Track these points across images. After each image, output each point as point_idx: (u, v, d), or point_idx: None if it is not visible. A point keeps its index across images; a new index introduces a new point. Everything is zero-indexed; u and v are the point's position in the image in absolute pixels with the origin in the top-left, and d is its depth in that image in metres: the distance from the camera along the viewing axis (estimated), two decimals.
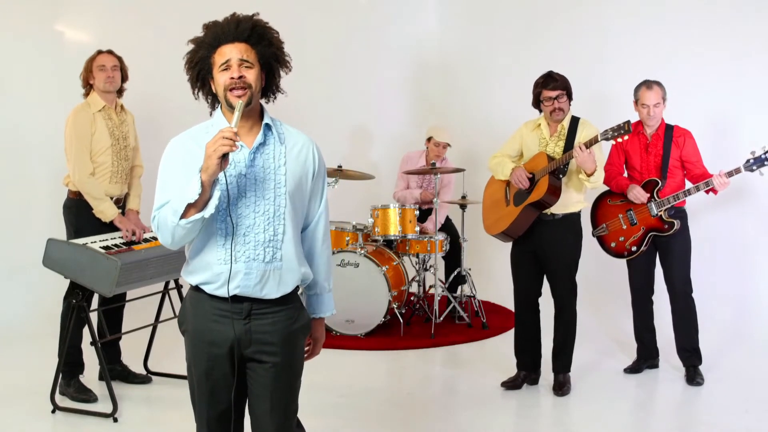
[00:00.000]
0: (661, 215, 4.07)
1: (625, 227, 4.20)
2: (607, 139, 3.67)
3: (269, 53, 2.06)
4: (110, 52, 3.97)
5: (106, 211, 3.84)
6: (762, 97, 5.17)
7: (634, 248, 4.17)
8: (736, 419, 3.65)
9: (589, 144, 3.69)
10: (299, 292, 2.19)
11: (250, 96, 1.99)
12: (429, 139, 5.81)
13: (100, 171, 3.88)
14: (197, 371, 2.09)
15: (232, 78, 1.98)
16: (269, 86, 2.11)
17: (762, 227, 5.23)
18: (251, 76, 2.00)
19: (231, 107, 1.99)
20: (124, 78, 4.03)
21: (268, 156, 2.04)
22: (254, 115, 2.06)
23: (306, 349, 2.26)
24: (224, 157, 1.88)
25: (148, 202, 2.28)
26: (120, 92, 4.04)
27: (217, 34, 2.02)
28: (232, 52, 1.99)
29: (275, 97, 2.16)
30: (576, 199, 3.93)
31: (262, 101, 2.12)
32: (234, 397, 2.09)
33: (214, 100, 2.11)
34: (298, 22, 6.25)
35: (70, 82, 3.95)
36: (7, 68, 5.38)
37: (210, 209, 1.92)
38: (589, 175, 3.72)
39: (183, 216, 1.91)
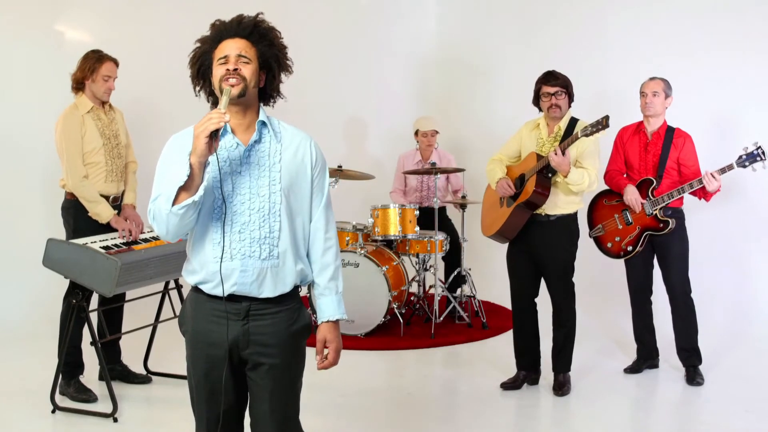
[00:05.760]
0: (656, 214, 4.07)
1: (620, 227, 4.20)
2: (586, 135, 3.65)
3: (270, 53, 2.05)
4: (115, 61, 3.94)
5: (101, 213, 3.84)
6: (763, 97, 5.17)
7: (630, 248, 4.17)
8: (736, 419, 3.65)
9: (569, 143, 3.69)
10: (306, 293, 2.17)
11: (243, 88, 1.98)
12: (416, 133, 5.84)
13: (94, 171, 3.87)
14: (197, 372, 2.08)
15: (228, 70, 1.98)
16: (269, 89, 2.10)
17: (760, 227, 5.24)
18: (247, 70, 1.99)
19: None
20: None
21: (264, 153, 2.04)
22: (251, 114, 2.06)
23: (324, 356, 2.17)
24: (213, 137, 1.87)
25: (145, 198, 2.27)
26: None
27: (219, 30, 2.04)
28: (231, 48, 2.00)
29: (275, 101, 2.14)
30: (570, 199, 3.91)
31: (262, 105, 2.11)
32: (233, 398, 2.09)
33: (215, 100, 2.10)
34: (297, 21, 6.24)
35: (69, 83, 3.94)
36: (7, 68, 5.38)
37: (200, 192, 1.91)
38: (564, 177, 3.73)
39: (175, 202, 1.90)
